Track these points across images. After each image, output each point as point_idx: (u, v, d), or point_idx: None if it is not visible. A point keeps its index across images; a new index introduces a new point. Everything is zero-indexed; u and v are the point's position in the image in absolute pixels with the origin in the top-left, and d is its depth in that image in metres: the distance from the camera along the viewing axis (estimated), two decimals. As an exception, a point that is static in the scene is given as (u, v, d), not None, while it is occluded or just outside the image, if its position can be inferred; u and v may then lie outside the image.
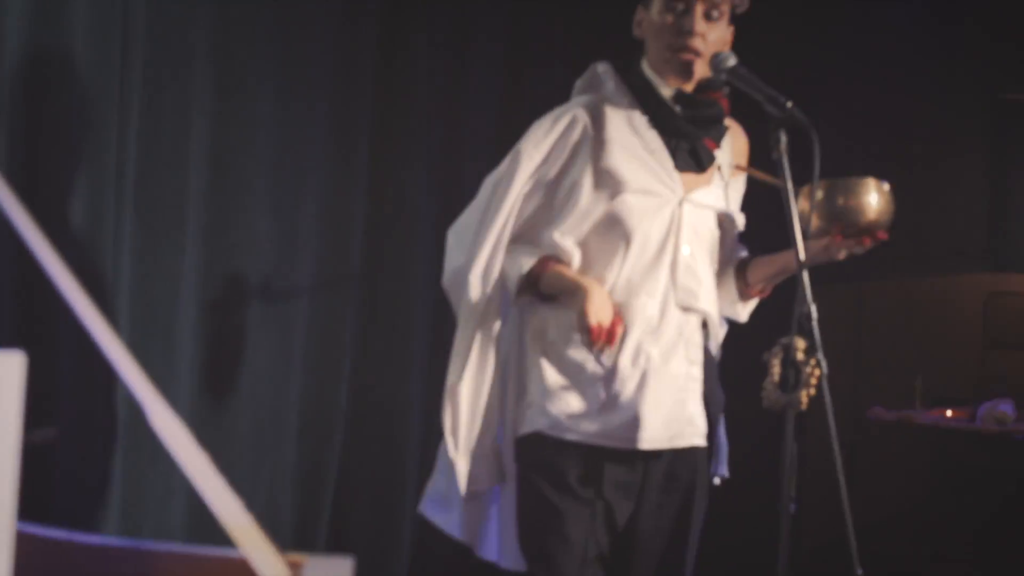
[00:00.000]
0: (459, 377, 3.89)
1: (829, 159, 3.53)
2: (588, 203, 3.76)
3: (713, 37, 3.80)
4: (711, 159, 3.91)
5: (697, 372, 3.90)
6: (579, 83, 4.00)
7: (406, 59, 5.60)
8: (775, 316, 3.94)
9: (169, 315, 4.66)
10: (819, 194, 3.77)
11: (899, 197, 9.00)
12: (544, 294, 3.84)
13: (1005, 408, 7.40)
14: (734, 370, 4.24)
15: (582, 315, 3.66)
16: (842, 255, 3.89)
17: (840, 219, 3.80)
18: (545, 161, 3.81)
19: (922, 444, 7.55)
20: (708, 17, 3.78)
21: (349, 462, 5.42)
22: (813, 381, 3.37)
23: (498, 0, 5.97)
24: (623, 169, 3.75)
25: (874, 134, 8.79)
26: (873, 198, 3.82)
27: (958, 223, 10.07)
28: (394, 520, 5.58)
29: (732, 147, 4.06)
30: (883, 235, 3.88)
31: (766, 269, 4.05)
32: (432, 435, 5.79)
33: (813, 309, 3.35)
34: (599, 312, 3.65)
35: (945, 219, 9.87)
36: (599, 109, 3.84)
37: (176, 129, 4.68)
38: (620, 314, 3.73)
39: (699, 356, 3.91)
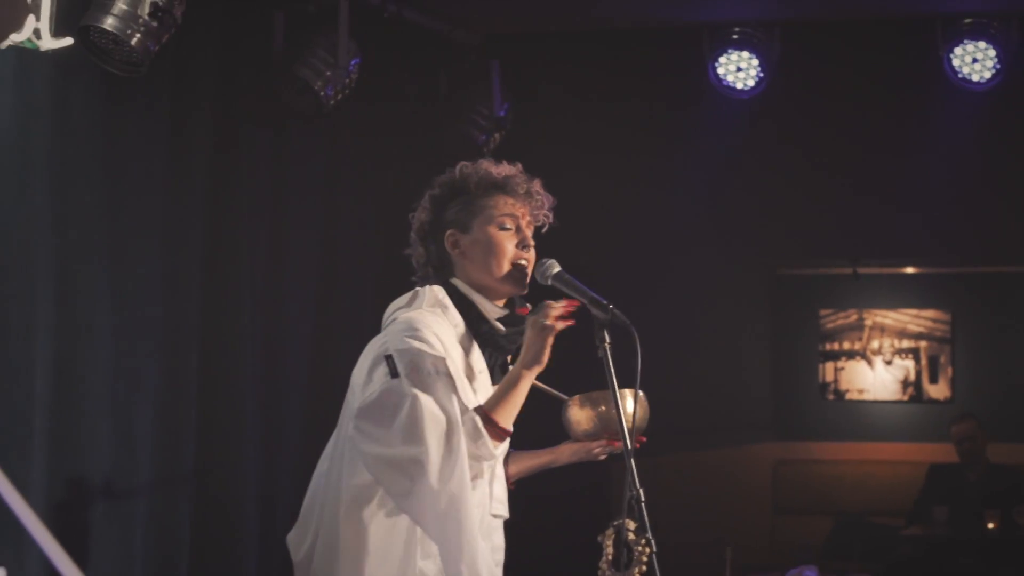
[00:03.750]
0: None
1: (620, 343, 3.76)
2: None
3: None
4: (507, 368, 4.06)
5: (499, 573, 4.02)
6: (406, 298, 3.91)
7: (228, 267, 5.92)
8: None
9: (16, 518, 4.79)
10: (587, 404, 3.98)
11: (690, 373, 9.38)
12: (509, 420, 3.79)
13: (809, 574, 7.74)
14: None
15: (544, 329, 3.73)
16: (603, 456, 4.10)
17: (608, 426, 3.99)
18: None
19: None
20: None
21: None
22: (644, 559, 3.60)
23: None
24: (463, 389, 3.80)
25: (663, 318, 9.11)
26: (629, 406, 3.96)
27: (746, 395, 10.50)
28: None
29: None
30: (642, 439, 4.03)
31: (524, 465, 4.17)
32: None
33: (641, 493, 3.59)
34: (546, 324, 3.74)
35: (733, 392, 10.29)
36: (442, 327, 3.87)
37: (21, 342, 4.90)
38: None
39: (502, 559, 4.04)
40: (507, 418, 3.76)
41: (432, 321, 3.78)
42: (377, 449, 3.64)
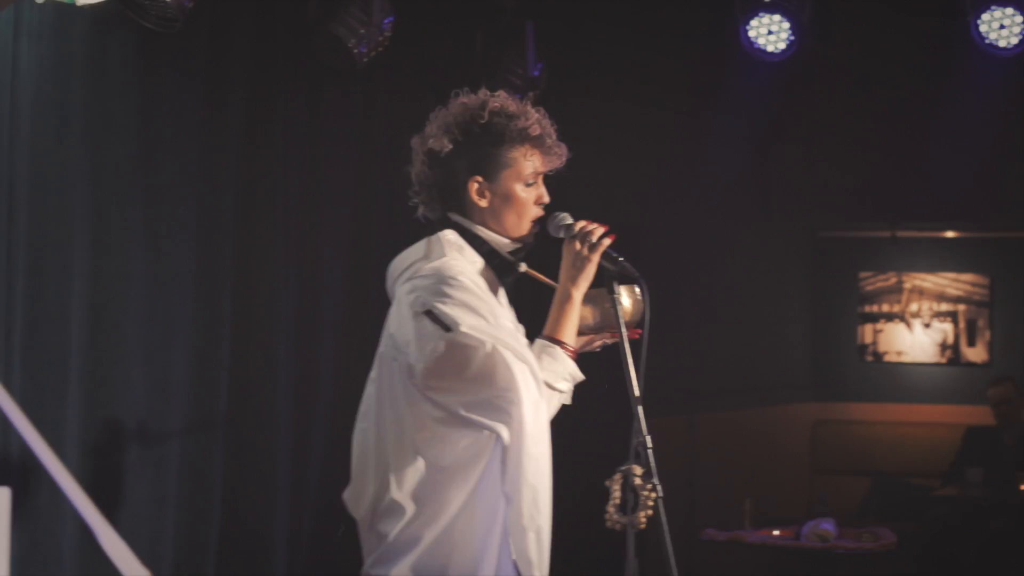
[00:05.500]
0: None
1: (660, 304, 3.88)
2: None
3: None
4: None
5: None
6: (421, 249, 3.92)
7: (262, 216, 6.06)
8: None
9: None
10: (587, 301, 4.08)
11: (730, 334, 9.46)
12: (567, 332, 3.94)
13: (827, 526, 7.86)
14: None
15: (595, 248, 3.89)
16: (599, 348, 4.11)
17: (608, 321, 4.04)
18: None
19: (751, 561, 7.96)
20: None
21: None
22: (650, 503, 3.70)
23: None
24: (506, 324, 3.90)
25: (704, 281, 9.21)
26: (627, 301, 4.04)
27: (785, 356, 10.61)
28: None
29: None
30: (638, 331, 4.02)
31: None
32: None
33: (648, 439, 3.70)
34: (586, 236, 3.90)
35: (773, 352, 10.39)
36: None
37: (58, 287, 5.07)
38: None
39: None
40: (571, 336, 3.91)
41: (459, 267, 3.82)
42: (460, 398, 3.68)
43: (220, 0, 5.70)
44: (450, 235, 3.91)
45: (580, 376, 3.93)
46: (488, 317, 3.72)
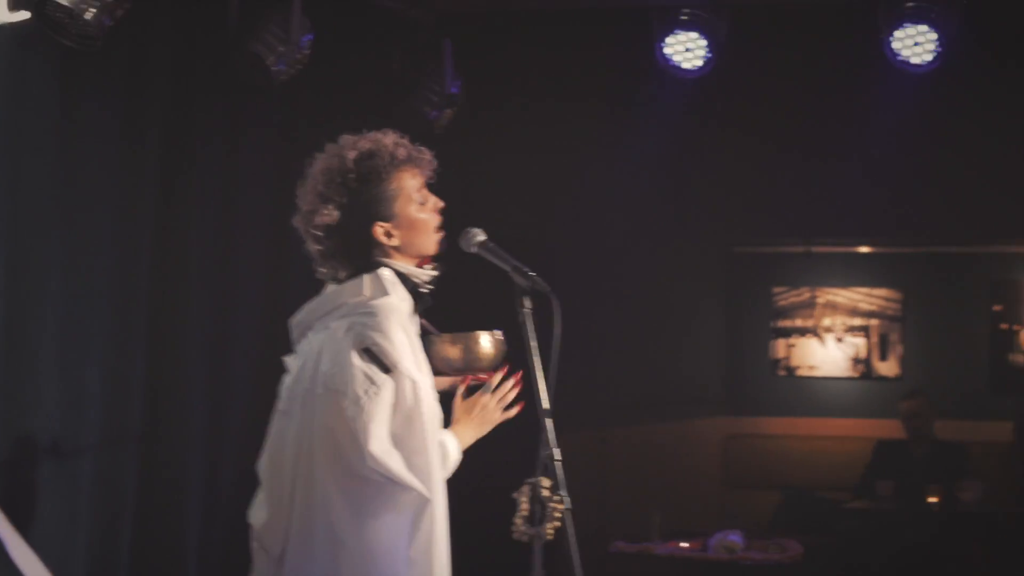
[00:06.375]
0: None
1: (575, 319, 3.92)
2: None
3: None
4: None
5: None
6: (360, 286, 3.93)
7: (179, 234, 6.09)
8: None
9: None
10: (458, 341, 4.11)
11: (643, 348, 9.50)
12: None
13: (734, 538, 7.94)
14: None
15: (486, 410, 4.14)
16: (464, 388, 4.22)
17: (473, 364, 4.13)
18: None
19: (660, 573, 8.02)
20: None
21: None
22: (557, 515, 3.75)
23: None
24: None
25: (618, 295, 9.25)
26: (488, 346, 4.13)
27: (698, 370, 10.68)
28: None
29: None
30: (483, 376, 4.20)
31: None
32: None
33: (556, 451, 3.76)
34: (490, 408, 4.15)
35: (686, 367, 10.45)
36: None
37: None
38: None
39: None
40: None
41: (396, 309, 3.89)
42: (386, 446, 3.73)
43: (140, 18, 5.69)
44: (387, 273, 3.95)
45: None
46: (416, 366, 3.82)
